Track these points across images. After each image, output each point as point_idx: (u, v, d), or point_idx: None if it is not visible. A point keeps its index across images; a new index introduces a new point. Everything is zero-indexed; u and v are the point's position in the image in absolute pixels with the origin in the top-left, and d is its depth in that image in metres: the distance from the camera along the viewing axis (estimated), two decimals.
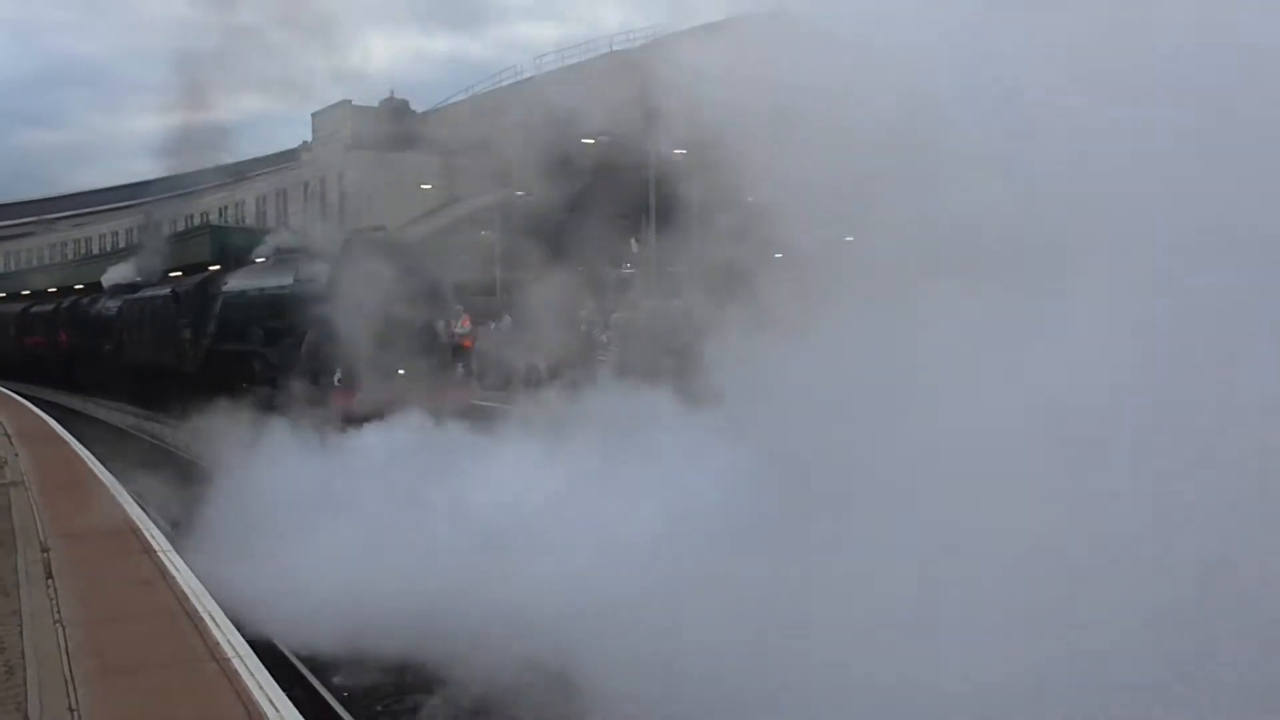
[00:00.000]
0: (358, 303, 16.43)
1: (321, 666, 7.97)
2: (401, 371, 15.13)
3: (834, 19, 7.02)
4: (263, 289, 19.86)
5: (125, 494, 11.31)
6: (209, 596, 7.20)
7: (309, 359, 16.91)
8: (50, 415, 21.16)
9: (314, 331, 16.98)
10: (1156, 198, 5.24)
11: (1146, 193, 5.28)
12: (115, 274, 32.18)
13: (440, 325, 18.89)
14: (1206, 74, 5.19)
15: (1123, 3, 5.81)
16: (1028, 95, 5.81)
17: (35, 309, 37.52)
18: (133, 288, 28.67)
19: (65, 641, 6.20)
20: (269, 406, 18.11)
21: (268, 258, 21.76)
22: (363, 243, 18.24)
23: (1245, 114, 5.12)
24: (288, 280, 18.77)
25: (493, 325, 19.08)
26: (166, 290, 24.51)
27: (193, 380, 21.17)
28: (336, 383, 16.12)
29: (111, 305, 29.31)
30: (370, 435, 12.08)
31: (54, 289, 42.60)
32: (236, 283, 21.28)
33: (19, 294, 47.10)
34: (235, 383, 19.36)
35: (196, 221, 50.08)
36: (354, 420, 13.37)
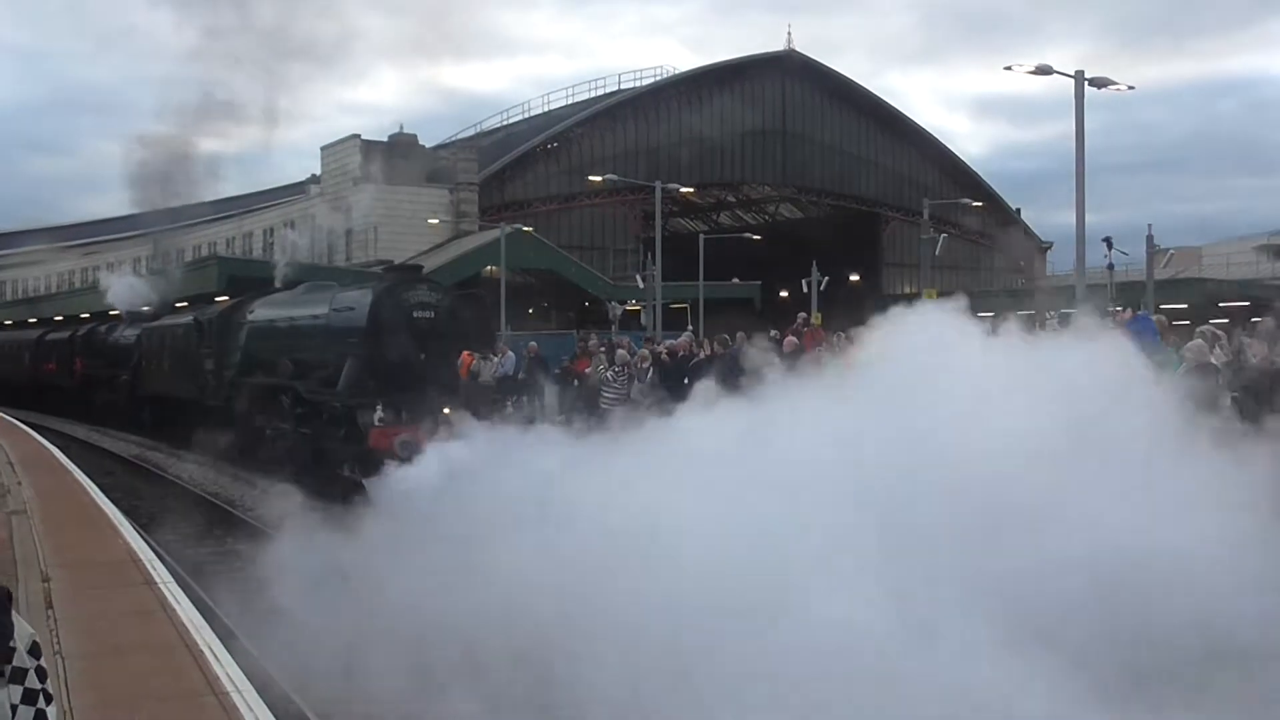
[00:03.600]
0: (397, 337, 15.51)
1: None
2: (447, 410, 13.79)
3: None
4: (293, 319, 18.67)
5: (127, 525, 11.32)
6: (209, 629, 7.21)
7: (349, 395, 15.69)
8: (54, 444, 21.11)
9: (353, 365, 15.92)
10: None
11: None
12: (119, 293, 31.71)
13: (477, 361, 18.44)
14: None
15: None
16: None
17: (51, 336, 36.86)
18: (151, 316, 27.94)
19: (65, 673, 6.20)
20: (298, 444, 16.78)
21: (297, 287, 20.63)
22: (399, 275, 17.24)
23: None
24: (321, 310, 17.56)
25: (495, 360, 18.95)
26: (188, 319, 23.41)
27: (214, 413, 20.24)
28: (378, 421, 14.78)
29: (129, 334, 28.41)
30: None
31: (60, 317, 42.60)
32: (264, 312, 20.00)
33: (26, 321, 47.10)
34: (262, 417, 18.27)
35: (204, 253, 50.40)
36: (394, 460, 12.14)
